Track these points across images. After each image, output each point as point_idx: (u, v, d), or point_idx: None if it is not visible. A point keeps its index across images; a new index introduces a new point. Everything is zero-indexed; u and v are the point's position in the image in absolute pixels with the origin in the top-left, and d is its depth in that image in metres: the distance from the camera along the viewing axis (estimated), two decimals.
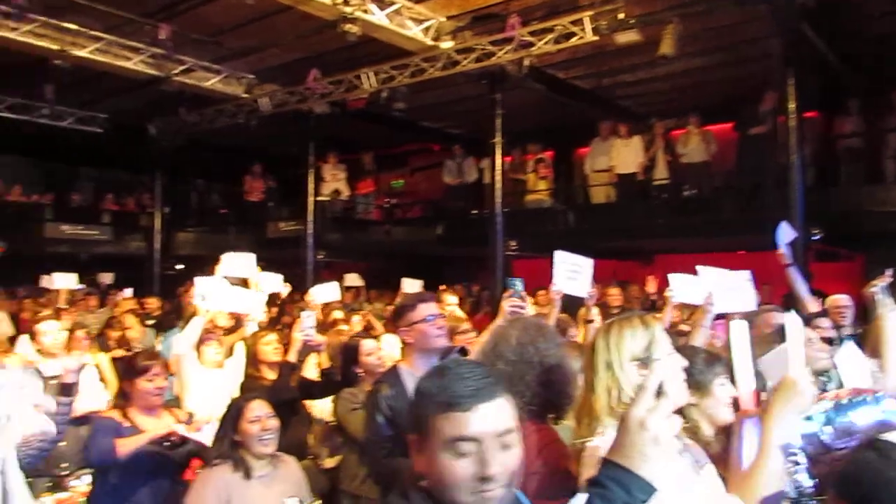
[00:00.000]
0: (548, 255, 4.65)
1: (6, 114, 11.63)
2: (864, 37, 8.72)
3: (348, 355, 4.30)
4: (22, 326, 7.80)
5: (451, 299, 6.56)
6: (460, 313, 6.48)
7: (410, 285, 9.06)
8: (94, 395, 4.83)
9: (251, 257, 6.40)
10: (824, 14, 7.90)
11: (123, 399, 3.59)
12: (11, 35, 8.47)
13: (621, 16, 7.74)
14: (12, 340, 6.41)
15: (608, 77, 10.55)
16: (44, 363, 4.85)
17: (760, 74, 9.01)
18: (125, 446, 3.27)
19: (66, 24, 8.79)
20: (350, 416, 3.98)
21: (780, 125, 8.42)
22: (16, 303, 10.18)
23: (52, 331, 5.14)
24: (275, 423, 3.13)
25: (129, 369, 3.58)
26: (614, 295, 7.64)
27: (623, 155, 11.10)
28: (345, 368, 4.28)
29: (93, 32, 9.04)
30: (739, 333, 2.14)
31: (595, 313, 4.96)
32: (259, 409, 3.11)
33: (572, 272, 4.64)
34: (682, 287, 4.31)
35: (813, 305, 4.73)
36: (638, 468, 1.26)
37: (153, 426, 3.43)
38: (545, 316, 4.95)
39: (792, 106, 7.76)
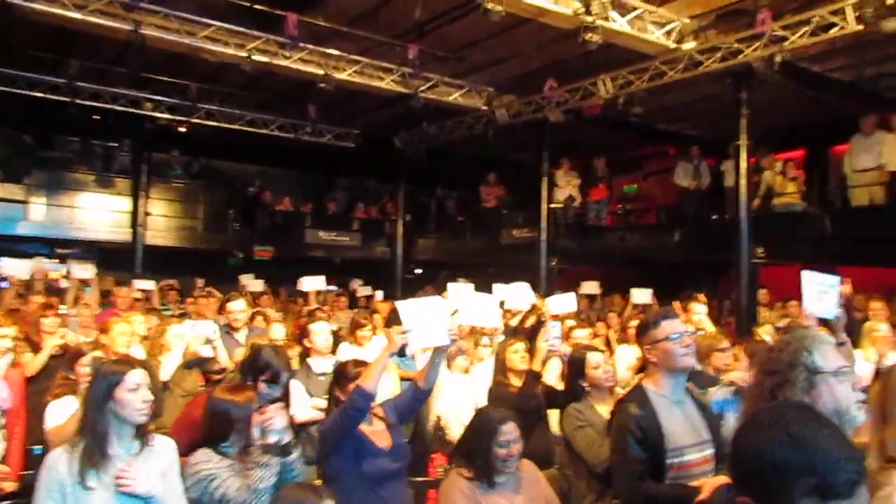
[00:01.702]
0: (800, 263, 4.34)
1: (276, 132, 13.18)
2: None
3: (574, 368, 4.19)
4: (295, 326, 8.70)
5: (698, 308, 6.15)
6: (709, 323, 6.11)
7: (640, 295, 8.75)
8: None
9: (527, 286, 6.43)
10: None
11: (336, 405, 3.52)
12: (285, 63, 9.55)
13: (891, 0, 6.97)
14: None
15: (871, 67, 9.53)
16: (315, 361, 5.44)
17: None
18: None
19: (328, 50, 9.73)
20: (577, 434, 3.85)
21: None
22: (281, 302, 11.44)
23: (323, 331, 5.66)
24: (520, 446, 3.23)
25: (340, 377, 3.55)
26: (878, 309, 6.89)
27: (895, 151, 9.94)
28: (571, 381, 4.20)
29: (351, 56, 9.93)
30: None
31: (886, 330, 4.56)
32: (510, 433, 3.21)
33: (821, 292, 4.26)
34: None
35: None
36: None
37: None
38: None
39: None
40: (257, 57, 9.27)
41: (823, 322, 4.36)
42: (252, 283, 10.42)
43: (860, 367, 3.99)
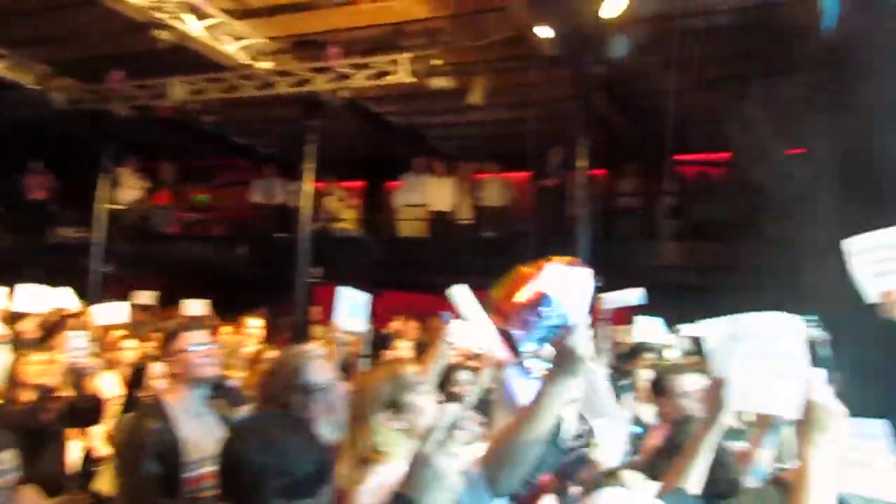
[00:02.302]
0: (352, 284, 4.69)
1: None
2: (648, 108, 9.71)
3: (135, 378, 4.04)
4: None
5: (253, 322, 6.25)
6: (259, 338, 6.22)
7: (192, 307, 8.51)
8: None
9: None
10: (616, 84, 8.80)
11: None
12: None
13: (437, 62, 8.08)
14: None
15: (421, 116, 10.92)
16: None
17: (557, 131, 9.75)
18: None
19: None
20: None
21: (570, 180, 9.16)
22: None
23: None
24: (16, 477, 2.78)
25: None
26: (412, 328, 7.83)
27: (436, 193, 11.48)
28: (129, 392, 4.02)
29: None
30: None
31: (406, 347, 5.09)
32: (5, 463, 2.74)
33: (353, 308, 4.66)
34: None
35: None
36: (421, 500, 1.35)
37: None
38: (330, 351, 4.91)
39: (580, 164, 8.47)
40: None
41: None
42: None
43: None
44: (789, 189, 8.22)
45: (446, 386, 3.81)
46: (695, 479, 1.94)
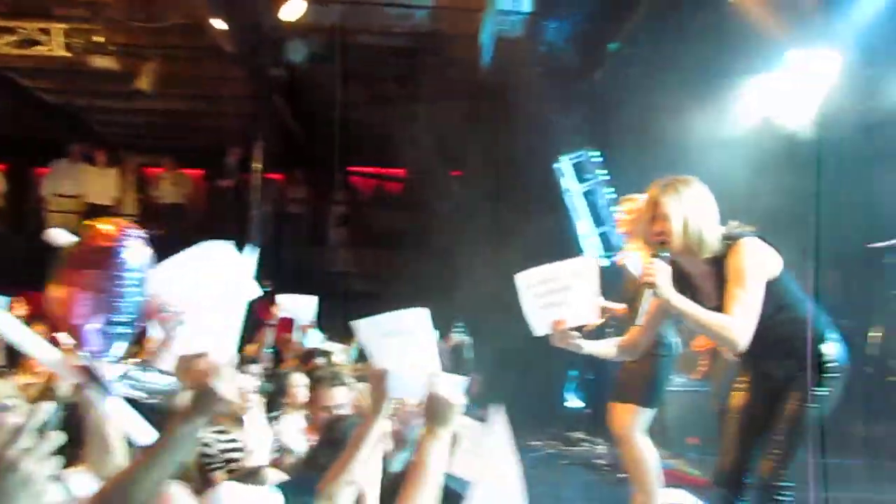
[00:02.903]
0: None
1: None
2: (324, 117, 9.88)
3: None
4: None
5: None
6: None
7: None
8: None
9: None
10: (294, 90, 8.80)
11: None
12: None
13: (99, 39, 7.34)
14: None
15: (82, 98, 9.82)
16: None
17: (234, 130, 9.48)
18: None
19: None
20: None
21: (245, 181, 8.96)
22: None
23: None
24: None
25: None
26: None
27: (95, 183, 10.38)
28: None
29: None
30: None
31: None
32: None
33: None
34: None
35: None
36: None
37: None
38: None
39: (256, 166, 8.34)
40: None
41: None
42: None
43: None
44: (450, 204, 9.02)
45: None
46: (361, 468, 1.98)
